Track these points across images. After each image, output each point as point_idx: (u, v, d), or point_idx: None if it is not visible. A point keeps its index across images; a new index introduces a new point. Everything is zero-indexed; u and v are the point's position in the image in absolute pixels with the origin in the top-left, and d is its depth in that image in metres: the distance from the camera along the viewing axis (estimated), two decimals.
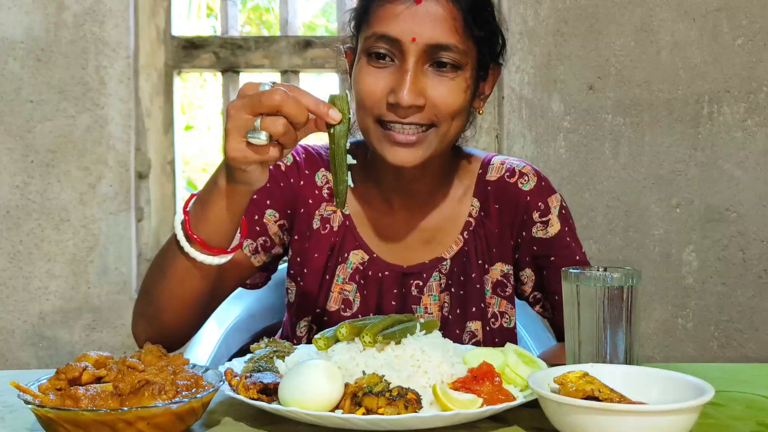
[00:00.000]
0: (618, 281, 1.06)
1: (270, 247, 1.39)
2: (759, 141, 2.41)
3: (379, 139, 1.27)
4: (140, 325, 1.26)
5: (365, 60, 1.27)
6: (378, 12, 1.26)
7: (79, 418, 0.87)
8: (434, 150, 1.28)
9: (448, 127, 1.27)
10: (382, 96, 1.25)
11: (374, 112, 1.26)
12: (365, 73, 1.27)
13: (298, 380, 0.95)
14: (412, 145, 1.26)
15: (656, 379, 0.98)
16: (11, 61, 2.39)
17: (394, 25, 1.23)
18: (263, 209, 1.38)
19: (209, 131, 5.70)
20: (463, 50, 1.25)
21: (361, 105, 1.28)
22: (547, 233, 1.39)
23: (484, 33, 1.28)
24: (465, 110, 1.30)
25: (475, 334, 1.38)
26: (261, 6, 5.91)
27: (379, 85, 1.25)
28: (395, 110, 1.24)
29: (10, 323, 2.42)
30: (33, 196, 2.41)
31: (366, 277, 1.38)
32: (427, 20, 1.22)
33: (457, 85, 1.25)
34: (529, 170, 1.42)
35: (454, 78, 1.25)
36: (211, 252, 1.14)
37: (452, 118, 1.27)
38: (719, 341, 2.44)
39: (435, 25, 1.23)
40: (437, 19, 1.23)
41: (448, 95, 1.25)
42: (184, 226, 1.13)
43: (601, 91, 2.41)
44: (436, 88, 1.24)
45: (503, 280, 1.41)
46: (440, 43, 1.23)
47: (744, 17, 2.40)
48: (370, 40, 1.26)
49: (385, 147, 1.27)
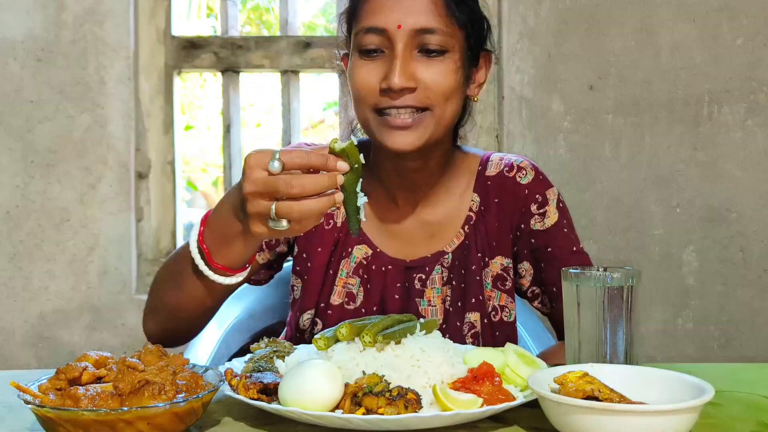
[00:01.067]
0: (618, 281, 1.06)
1: (274, 245, 1.43)
2: (759, 141, 2.41)
3: (378, 126, 1.31)
4: (151, 323, 1.32)
5: (357, 56, 1.32)
6: (365, 7, 1.32)
7: (79, 418, 0.87)
8: (431, 133, 1.31)
9: (443, 110, 1.31)
10: (376, 85, 1.29)
11: (369, 101, 1.31)
12: (358, 67, 1.32)
13: (298, 380, 0.95)
14: (409, 128, 1.29)
15: (656, 379, 0.98)
16: (11, 61, 2.39)
17: (380, 16, 1.29)
18: None
19: (209, 131, 5.71)
20: (448, 32, 1.29)
21: (357, 98, 1.33)
22: (545, 225, 1.42)
23: (466, 17, 1.33)
24: (457, 93, 1.33)
25: (474, 325, 1.41)
26: (261, 6, 5.92)
27: (373, 76, 1.30)
28: (389, 95, 1.28)
29: (10, 323, 2.42)
30: (33, 196, 2.41)
31: (369, 271, 1.41)
32: (410, 7, 1.28)
33: (446, 66, 1.30)
34: (527, 164, 1.45)
35: (442, 61, 1.30)
36: (231, 273, 1.19)
37: (445, 99, 1.30)
38: (719, 341, 2.44)
39: (419, 11, 1.28)
40: (420, 5, 1.29)
41: (438, 76, 1.29)
42: (204, 254, 1.17)
43: (601, 91, 2.41)
44: (426, 71, 1.29)
45: (503, 273, 1.43)
46: (425, 27, 1.28)
47: (744, 17, 2.40)
48: (360, 35, 1.31)
49: (383, 133, 1.31)
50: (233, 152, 2.63)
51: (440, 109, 1.30)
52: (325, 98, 5.77)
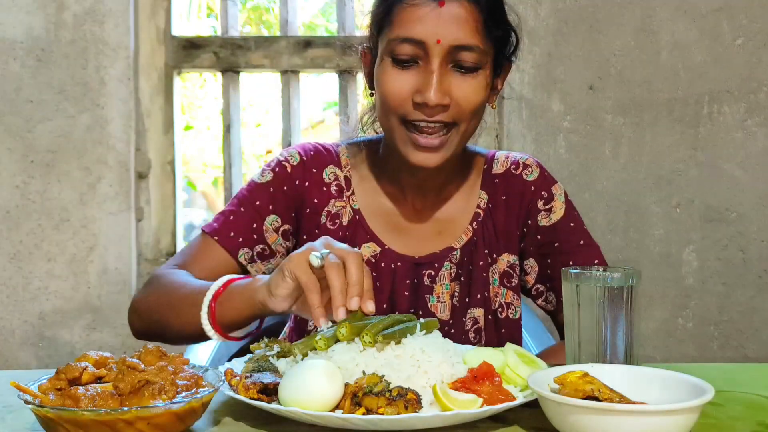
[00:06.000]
0: (618, 281, 1.06)
1: (268, 255, 1.42)
2: (759, 141, 2.41)
3: (404, 141, 1.31)
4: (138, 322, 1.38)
5: (389, 62, 1.30)
6: (401, 14, 1.29)
7: (79, 418, 0.87)
8: (454, 150, 1.33)
9: (467, 125, 1.32)
10: (408, 96, 1.28)
11: (399, 112, 1.30)
12: (390, 74, 1.30)
13: (298, 380, 0.95)
14: (435, 149, 1.30)
15: (656, 379, 0.98)
16: (11, 61, 2.39)
17: (419, 28, 1.27)
18: (264, 215, 1.41)
19: (209, 131, 5.70)
20: (483, 50, 1.29)
21: (385, 105, 1.31)
22: (551, 220, 1.44)
23: (501, 32, 1.33)
24: (483, 107, 1.34)
25: (477, 320, 1.42)
26: (261, 6, 5.92)
27: (405, 86, 1.28)
28: (422, 110, 1.28)
29: (10, 323, 2.42)
30: (33, 196, 2.41)
31: (378, 268, 1.41)
32: (450, 22, 1.26)
33: (479, 83, 1.30)
34: (532, 162, 1.48)
35: (475, 77, 1.29)
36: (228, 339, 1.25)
37: (473, 115, 1.31)
38: (719, 341, 2.44)
39: (458, 27, 1.26)
40: (460, 20, 1.27)
41: (471, 94, 1.29)
42: (211, 317, 1.21)
43: (601, 91, 2.41)
44: (460, 87, 1.28)
45: (509, 270, 1.44)
46: (464, 44, 1.27)
47: (744, 17, 2.40)
48: (394, 42, 1.29)
49: (408, 149, 1.31)
50: (233, 152, 2.63)
51: (466, 124, 1.31)
52: (325, 98, 5.77)
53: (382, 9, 1.33)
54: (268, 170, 1.43)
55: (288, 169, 1.43)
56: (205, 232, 1.40)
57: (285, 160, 1.44)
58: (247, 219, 1.40)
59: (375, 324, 1.06)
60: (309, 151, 1.45)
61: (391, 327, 1.07)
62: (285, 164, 1.43)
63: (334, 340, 1.08)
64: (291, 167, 1.43)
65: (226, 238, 1.39)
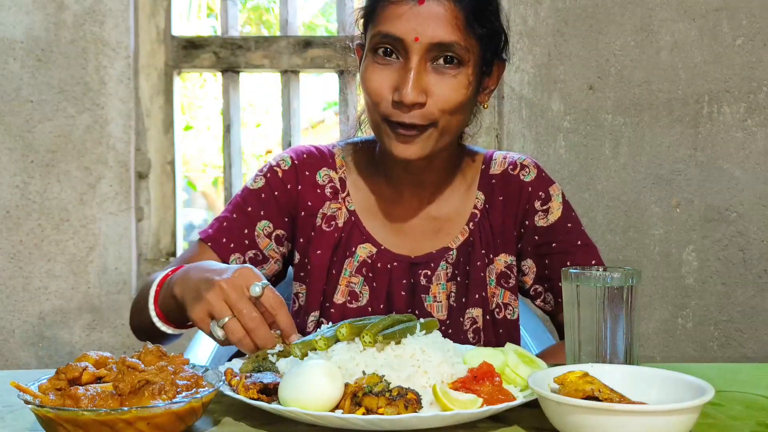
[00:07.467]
0: (618, 281, 1.06)
1: (261, 261, 1.43)
2: (759, 141, 2.41)
3: (387, 135, 1.32)
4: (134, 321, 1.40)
5: (371, 57, 1.31)
6: (383, 12, 1.30)
7: (79, 418, 0.87)
8: (435, 143, 1.32)
9: (448, 123, 1.31)
10: (388, 94, 1.29)
11: (380, 110, 1.31)
12: (371, 71, 1.31)
13: (298, 380, 0.95)
14: (413, 141, 1.30)
15: (656, 379, 0.98)
16: (11, 61, 2.39)
17: (398, 25, 1.27)
18: (255, 221, 1.42)
19: (209, 131, 5.70)
20: (465, 47, 1.28)
21: (368, 102, 1.33)
22: (548, 221, 1.43)
23: (486, 30, 1.31)
24: (467, 105, 1.33)
25: (476, 320, 1.42)
26: (261, 6, 5.92)
27: (385, 83, 1.29)
28: (399, 108, 1.28)
29: (10, 323, 2.42)
30: (33, 196, 2.41)
31: (374, 269, 1.41)
32: (429, 20, 1.26)
33: (459, 82, 1.29)
34: (529, 162, 1.47)
35: (456, 75, 1.29)
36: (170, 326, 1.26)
37: (452, 114, 1.30)
38: (719, 341, 2.44)
39: (437, 25, 1.26)
40: (439, 18, 1.26)
41: (449, 92, 1.28)
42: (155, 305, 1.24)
43: (601, 91, 2.41)
44: (438, 85, 1.28)
45: (507, 271, 1.44)
46: (442, 41, 1.26)
47: (744, 17, 2.40)
48: (376, 38, 1.30)
49: (391, 143, 1.31)
50: (233, 152, 2.63)
51: (445, 121, 1.30)
52: (325, 98, 5.77)
53: (368, 6, 1.35)
54: (260, 176, 1.45)
55: (279, 174, 1.44)
56: (201, 238, 1.42)
57: (276, 165, 1.45)
58: (239, 225, 1.41)
59: (375, 324, 1.06)
60: (301, 154, 1.46)
61: (391, 327, 1.07)
62: (276, 169, 1.44)
63: (334, 340, 1.08)
64: (282, 172, 1.44)
65: (218, 244, 1.40)
